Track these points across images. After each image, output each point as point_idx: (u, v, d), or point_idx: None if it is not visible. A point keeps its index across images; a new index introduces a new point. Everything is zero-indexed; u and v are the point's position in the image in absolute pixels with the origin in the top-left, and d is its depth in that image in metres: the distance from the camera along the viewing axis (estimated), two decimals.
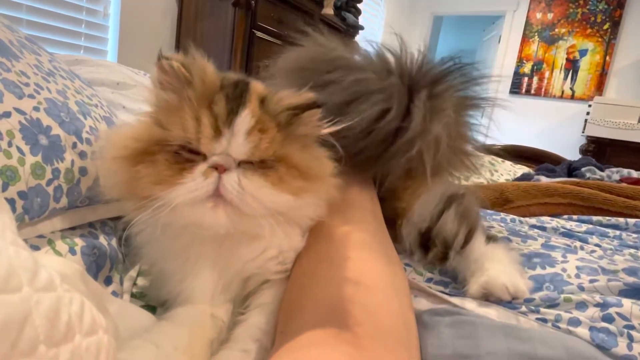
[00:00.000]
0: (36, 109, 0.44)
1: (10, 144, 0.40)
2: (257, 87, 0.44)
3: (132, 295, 0.53)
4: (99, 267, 0.49)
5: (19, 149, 0.40)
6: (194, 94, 0.39)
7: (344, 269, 0.41)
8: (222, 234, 0.41)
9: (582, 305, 0.44)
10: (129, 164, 0.39)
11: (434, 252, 0.55)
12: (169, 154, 0.38)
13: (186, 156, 0.38)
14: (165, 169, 0.38)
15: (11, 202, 0.39)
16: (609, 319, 0.41)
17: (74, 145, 0.47)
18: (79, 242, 0.47)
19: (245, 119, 0.39)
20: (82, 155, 0.48)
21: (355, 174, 0.58)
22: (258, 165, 0.39)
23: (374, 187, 0.61)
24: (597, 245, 0.68)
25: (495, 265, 0.50)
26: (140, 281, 0.55)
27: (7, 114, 0.41)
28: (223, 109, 0.39)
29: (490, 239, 0.56)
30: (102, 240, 0.51)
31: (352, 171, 0.56)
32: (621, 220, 0.82)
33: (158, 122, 0.40)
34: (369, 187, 0.59)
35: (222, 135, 0.38)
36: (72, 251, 0.45)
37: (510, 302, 0.47)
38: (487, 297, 0.47)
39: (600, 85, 3.84)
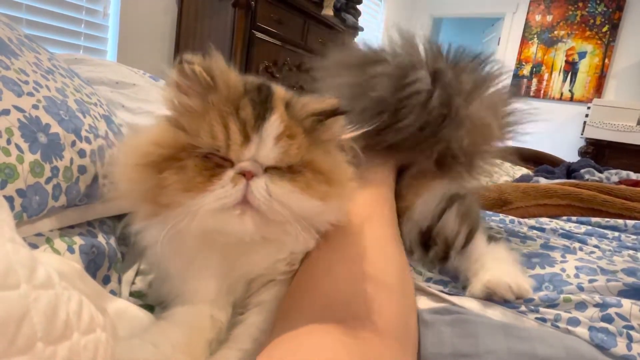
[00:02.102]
0: (35, 106, 0.44)
1: (9, 142, 0.39)
2: (280, 91, 0.43)
3: (131, 295, 0.53)
4: (98, 266, 0.48)
5: (18, 147, 0.40)
6: (218, 99, 0.38)
7: (354, 266, 0.42)
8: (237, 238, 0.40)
9: (581, 306, 0.44)
10: (153, 170, 0.37)
11: (435, 252, 0.55)
12: (198, 159, 0.37)
13: (215, 161, 0.37)
14: (195, 176, 0.37)
15: (10, 200, 0.38)
16: (608, 319, 0.41)
17: (73, 144, 0.47)
18: (78, 241, 0.47)
19: (274, 124, 0.38)
20: (81, 153, 0.48)
21: (378, 173, 0.59)
22: (285, 170, 0.39)
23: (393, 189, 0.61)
24: (596, 246, 0.68)
25: (498, 264, 0.49)
26: (139, 280, 0.54)
27: (6, 112, 0.41)
28: (250, 115, 0.38)
29: (492, 239, 0.56)
30: (101, 239, 0.51)
31: (376, 171, 0.58)
32: (620, 221, 0.82)
33: (182, 127, 0.39)
34: (390, 188, 0.60)
35: (251, 141, 0.37)
36: (71, 250, 0.45)
37: (509, 302, 0.47)
38: (491, 297, 0.47)
39: (599, 88, 3.85)
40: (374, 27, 4.05)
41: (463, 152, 0.62)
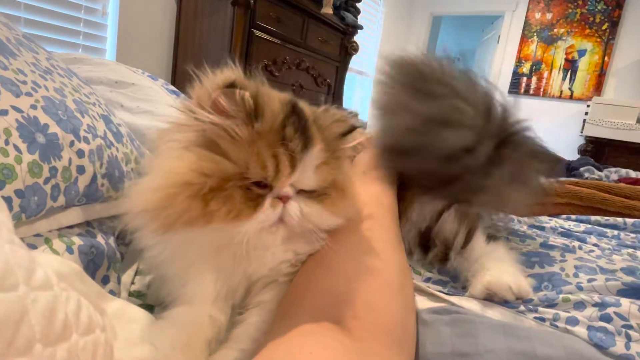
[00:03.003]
0: (33, 107, 0.44)
1: (7, 142, 0.39)
2: (308, 111, 0.43)
3: (130, 294, 0.53)
4: (97, 266, 0.48)
5: (16, 147, 0.40)
6: (263, 128, 0.38)
7: (355, 265, 0.42)
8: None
9: (580, 305, 0.44)
10: (201, 201, 0.36)
11: (434, 252, 0.55)
12: (242, 189, 0.38)
13: (257, 191, 0.39)
14: (242, 206, 0.38)
15: (8, 200, 0.38)
16: (607, 318, 0.41)
17: (72, 144, 0.47)
18: (77, 241, 0.46)
19: (316, 155, 0.40)
20: (79, 153, 0.48)
21: (380, 172, 0.59)
22: (314, 190, 0.41)
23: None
24: (595, 245, 0.68)
25: (498, 265, 0.49)
26: (138, 280, 0.54)
27: (4, 112, 0.40)
28: (297, 146, 0.39)
29: (491, 238, 0.56)
30: (100, 239, 0.51)
31: (378, 170, 0.58)
32: (619, 220, 0.82)
33: (224, 154, 0.38)
34: (393, 188, 0.60)
35: (296, 170, 0.39)
36: (70, 250, 0.45)
37: (509, 302, 0.47)
38: (491, 297, 0.47)
39: (598, 86, 3.84)
40: (374, 26, 4.04)
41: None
